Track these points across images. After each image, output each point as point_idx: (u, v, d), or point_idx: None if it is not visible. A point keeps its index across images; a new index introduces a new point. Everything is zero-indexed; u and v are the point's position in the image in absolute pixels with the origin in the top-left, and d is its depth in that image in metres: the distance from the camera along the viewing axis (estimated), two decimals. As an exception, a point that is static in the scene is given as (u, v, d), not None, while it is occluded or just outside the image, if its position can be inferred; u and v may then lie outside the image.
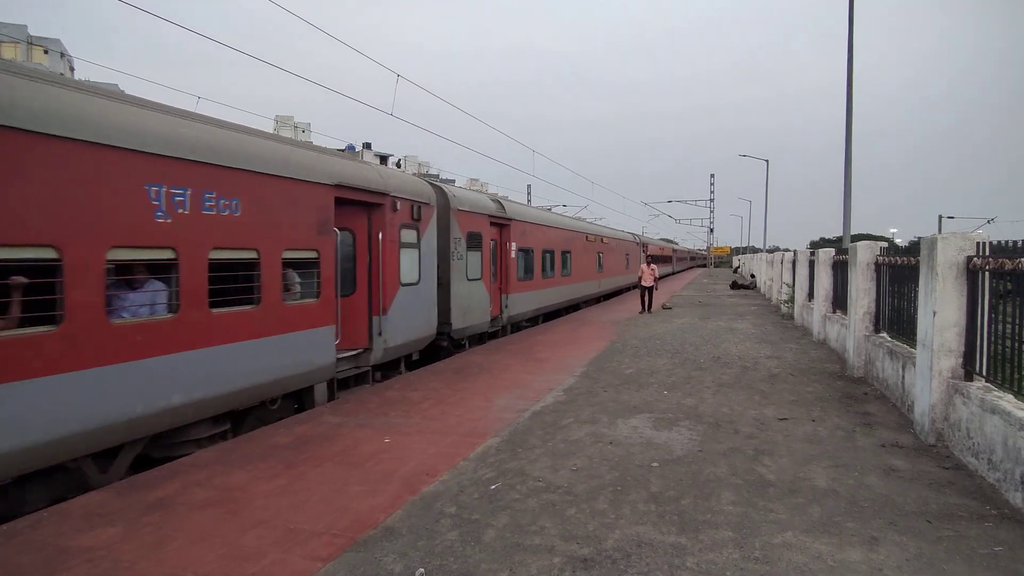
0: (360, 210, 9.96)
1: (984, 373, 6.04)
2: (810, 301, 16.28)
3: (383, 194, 10.12)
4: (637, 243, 41.12)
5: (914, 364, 7.28)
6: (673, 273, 62.72)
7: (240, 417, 7.71)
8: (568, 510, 4.93)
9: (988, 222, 44.74)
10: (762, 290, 33.07)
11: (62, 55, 54.94)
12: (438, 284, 12.41)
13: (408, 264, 10.97)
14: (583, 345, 14.14)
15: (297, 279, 8.47)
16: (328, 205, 8.76)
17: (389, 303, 10.25)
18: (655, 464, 5.97)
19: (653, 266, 22.46)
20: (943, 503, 5.01)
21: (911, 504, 4.98)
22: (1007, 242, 5.78)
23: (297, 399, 8.77)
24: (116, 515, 4.97)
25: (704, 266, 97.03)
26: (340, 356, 9.26)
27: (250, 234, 7.36)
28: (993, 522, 4.65)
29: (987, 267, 5.93)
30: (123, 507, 5.13)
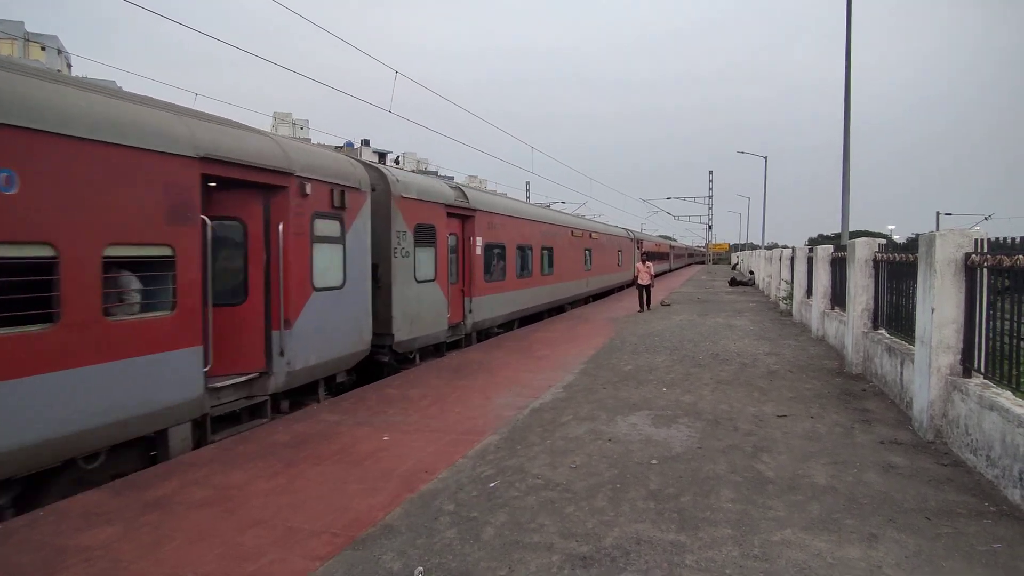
0: (253, 194, 7.90)
1: (982, 370, 6.04)
2: (808, 298, 16.29)
3: (285, 173, 8.01)
4: (631, 239, 38.87)
5: (912, 361, 7.28)
6: (671, 270, 61.99)
7: (34, 483, 5.52)
8: (567, 508, 4.93)
9: (985, 219, 44.77)
10: (760, 287, 33.09)
11: (59, 52, 54.77)
12: (376, 287, 10.38)
13: (326, 263, 8.84)
14: (582, 343, 14.14)
15: (136, 285, 6.35)
16: (189, 185, 6.67)
17: (296, 313, 8.16)
18: (654, 461, 5.97)
19: (649, 264, 22.40)
20: (942, 500, 5.01)
21: (910, 501, 4.99)
22: (1005, 239, 5.78)
23: (151, 447, 6.60)
24: (114, 514, 4.96)
25: (703, 263, 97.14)
26: (219, 385, 7.29)
27: (37, 222, 5.29)
28: (992, 519, 4.65)
29: (985, 264, 5.93)
30: (121, 506, 5.13)
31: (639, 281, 21.90)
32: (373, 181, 10.47)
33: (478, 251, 14.51)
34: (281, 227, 7.98)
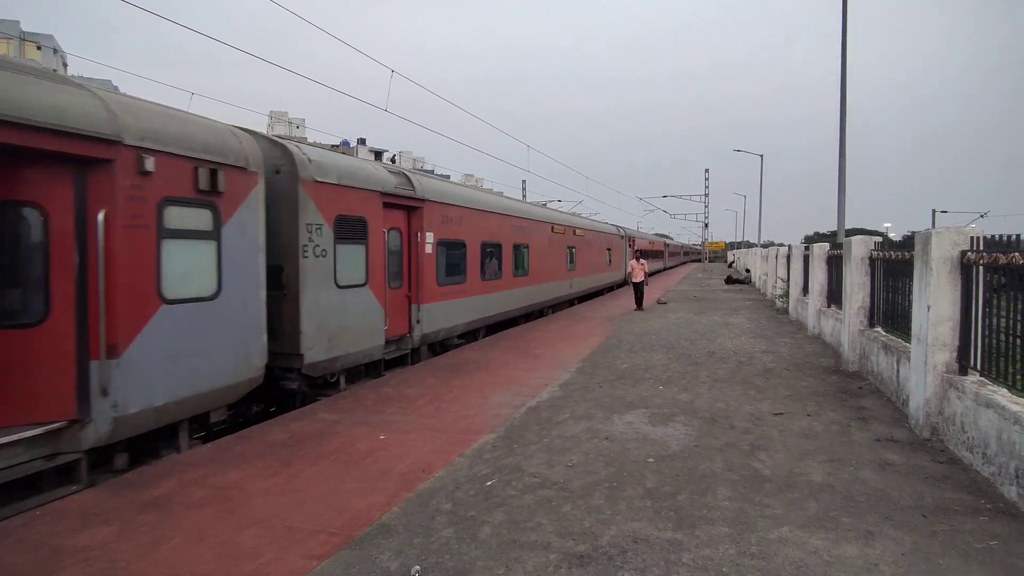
0: (56, 169, 5.77)
1: (978, 367, 6.07)
2: (805, 296, 16.32)
3: (108, 141, 5.90)
4: (621, 236, 36.37)
5: (909, 358, 7.30)
6: (665, 269, 61.42)
7: None
8: (564, 506, 4.94)
9: (981, 216, 44.84)
10: (757, 285, 33.15)
11: (55, 51, 54.58)
12: (278, 295, 8.39)
13: (187, 265, 6.74)
14: (579, 341, 14.14)
15: None
16: None
17: (130, 335, 6.06)
18: (651, 460, 5.98)
19: (643, 261, 22.41)
20: (938, 497, 5.03)
21: (906, 498, 5.01)
22: (1001, 236, 5.80)
23: None
24: (111, 514, 4.95)
25: (699, 261, 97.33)
26: None
27: None
28: (988, 516, 4.67)
29: (981, 261, 5.94)
30: (118, 506, 5.12)
31: (633, 279, 21.93)
32: (274, 160, 8.51)
33: (428, 249, 12.21)
34: (103, 216, 5.86)
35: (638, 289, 21.73)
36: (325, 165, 9.23)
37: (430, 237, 12.27)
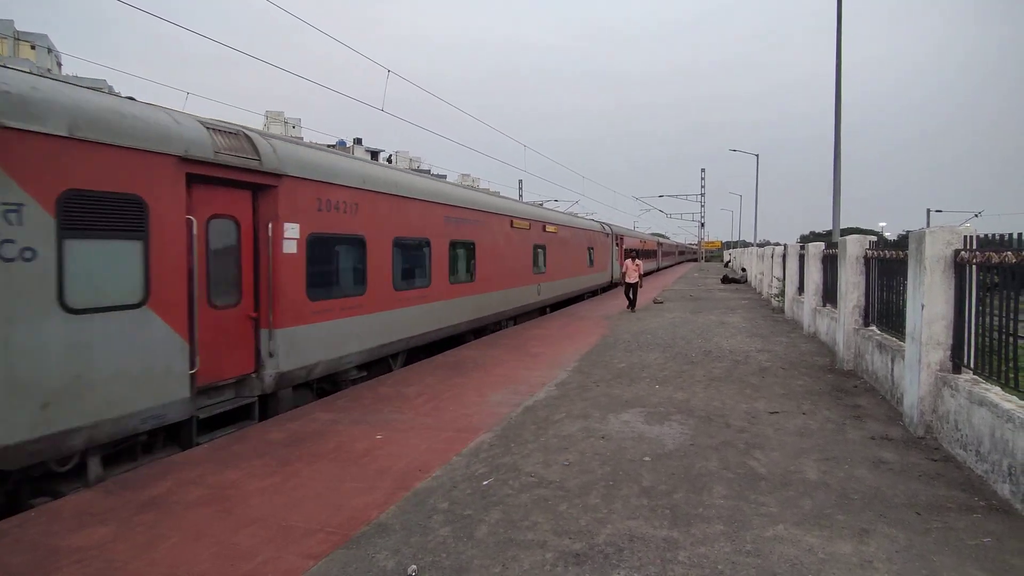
0: None
1: (972, 365, 6.11)
2: (800, 295, 16.38)
3: None
4: (607, 234, 32.31)
5: (903, 357, 7.34)
6: (659, 269, 59.72)
7: None
8: (560, 505, 4.95)
9: (975, 216, 45.09)
10: (753, 284, 33.23)
11: (49, 50, 54.39)
12: None
13: None
14: (576, 340, 14.17)
15: None
16: None
17: None
18: (647, 458, 6.00)
19: (638, 261, 22.33)
20: (932, 495, 5.07)
21: (900, 496, 5.04)
22: (994, 235, 5.83)
23: None
24: (108, 514, 4.95)
25: (695, 260, 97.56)
26: None
27: None
28: (981, 513, 4.71)
29: (974, 260, 5.98)
30: (115, 506, 5.11)
31: (627, 280, 21.77)
32: None
33: (291, 248, 8.50)
34: None
35: (632, 290, 21.68)
36: (35, 101, 5.49)
37: (294, 230, 8.57)
